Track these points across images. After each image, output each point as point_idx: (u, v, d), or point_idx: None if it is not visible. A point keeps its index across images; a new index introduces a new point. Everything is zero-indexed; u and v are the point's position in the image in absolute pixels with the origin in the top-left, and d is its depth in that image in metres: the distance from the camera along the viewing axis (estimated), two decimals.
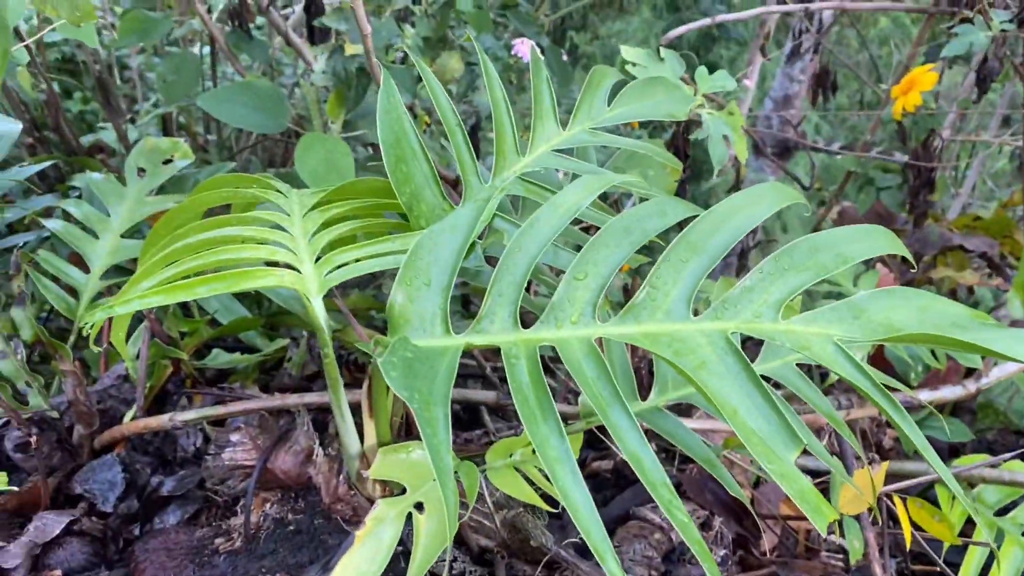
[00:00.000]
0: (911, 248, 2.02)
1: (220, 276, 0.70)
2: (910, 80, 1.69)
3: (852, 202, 2.29)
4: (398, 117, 0.83)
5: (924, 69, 1.68)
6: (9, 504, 1.00)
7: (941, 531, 1.01)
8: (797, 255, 0.66)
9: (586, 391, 0.63)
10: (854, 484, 0.92)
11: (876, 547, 1.00)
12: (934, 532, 1.01)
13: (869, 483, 0.98)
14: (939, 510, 1.03)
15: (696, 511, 1.11)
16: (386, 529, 0.77)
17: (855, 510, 0.99)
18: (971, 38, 1.51)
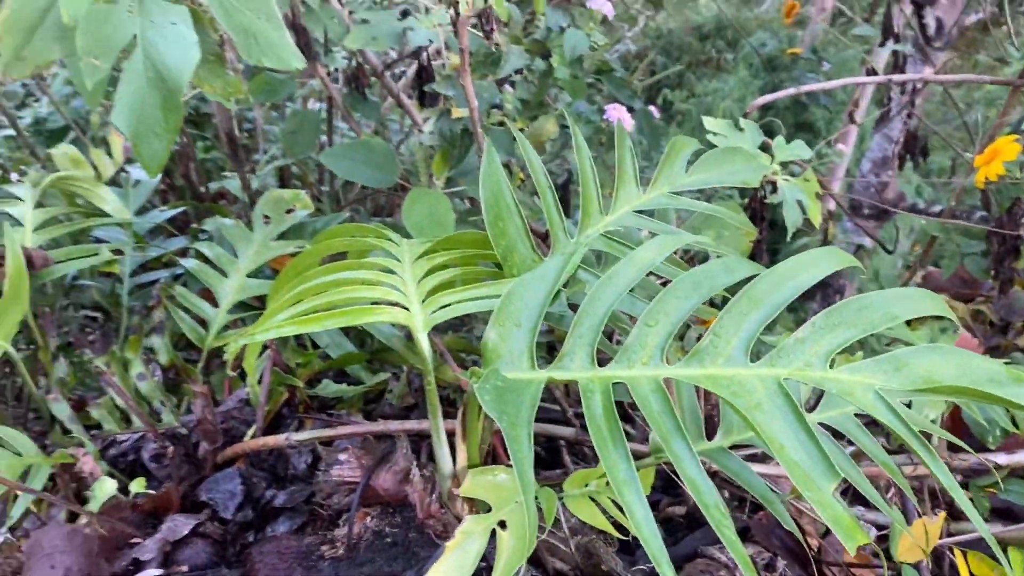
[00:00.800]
0: (997, 315, 2.02)
1: (344, 312, 0.83)
2: (993, 150, 1.73)
3: (938, 267, 2.30)
4: (497, 180, 0.95)
5: (1008, 140, 1.72)
6: (146, 506, 1.14)
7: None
8: (847, 312, 0.74)
9: (652, 424, 0.72)
10: (911, 532, 0.97)
11: None
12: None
13: (926, 534, 1.03)
14: (998, 564, 1.06)
15: (761, 553, 1.17)
16: (473, 542, 0.87)
17: (912, 558, 1.03)
18: None
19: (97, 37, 0.91)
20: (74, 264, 1.36)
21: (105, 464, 1.23)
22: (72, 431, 1.31)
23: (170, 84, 0.88)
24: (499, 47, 1.58)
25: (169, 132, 0.87)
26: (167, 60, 0.88)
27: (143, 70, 0.91)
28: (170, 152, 0.89)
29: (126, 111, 0.88)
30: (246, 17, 0.93)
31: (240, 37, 0.93)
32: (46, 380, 1.36)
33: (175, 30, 0.91)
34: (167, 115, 0.88)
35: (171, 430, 1.26)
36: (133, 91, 0.89)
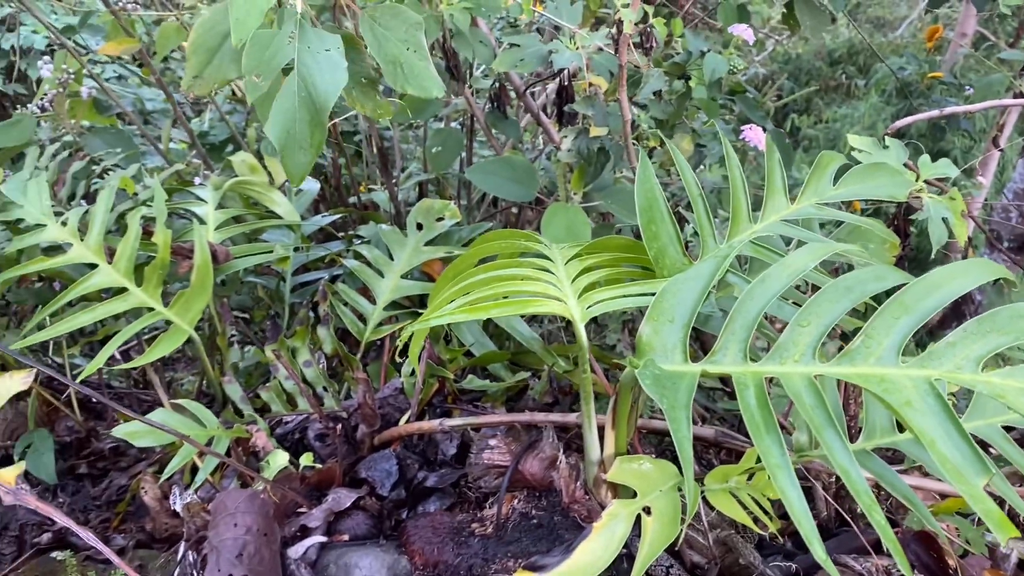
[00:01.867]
0: None
1: (509, 303, 0.91)
2: None
3: None
4: (651, 188, 1.02)
5: None
6: (312, 479, 1.25)
7: None
8: (999, 319, 0.77)
9: (805, 415, 0.77)
10: None
11: None
12: None
13: None
14: None
15: (895, 565, 1.18)
16: (619, 524, 0.93)
17: None
18: None
19: (260, 59, 1.03)
20: (251, 259, 1.51)
21: (274, 441, 1.35)
22: (243, 411, 1.44)
23: (319, 104, 0.99)
24: (639, 69, 1.65)
25: (314, 147, 0.98)
26: (318, 83, 1.00)
27: (296, 90, 1.03)
28: (313, 165, 1.00)
29: (278, 125, 0.99)
30: (396, 47, 1.04)
31: (388, 66, 1.04)
32: (223, 364, 1.50)
33: (328, 56, 1.02)
34: (313, 131, 0.99)
35: (333, 413, 1.37)
36: (286, 108, 1.01)
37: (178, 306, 1.40)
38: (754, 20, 3.80)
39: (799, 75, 8.35)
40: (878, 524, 0.69)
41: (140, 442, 1.20)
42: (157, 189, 1.46)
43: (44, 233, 1.47)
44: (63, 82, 2.10)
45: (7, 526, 1.48)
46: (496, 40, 2.02)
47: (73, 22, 2.48)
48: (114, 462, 1.59)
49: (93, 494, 1.53)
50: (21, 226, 1.54)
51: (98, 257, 1.43)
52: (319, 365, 1.46)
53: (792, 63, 8.43)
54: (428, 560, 1.11)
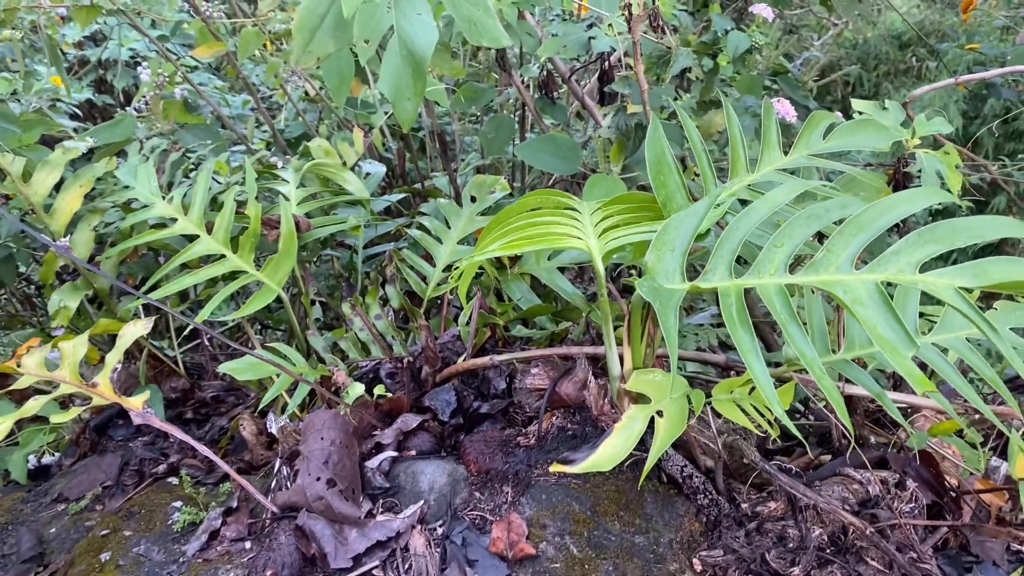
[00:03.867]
0: None
1: (538, 238, 1.11)
2: None
3: None
4: (660, 142, 1.20)
5: None
6: (384, 406, 1.47)
7: None
8: (938, 232, 0.93)
9: (776, 317, 0.94)
10: None
11: None
12: None
13: None
14: None
15: (893, 475, 1.34)
16: (635, 423, 1.12)
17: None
18: None
19: (366, 26, 1.25)
20: (328, 228, 1.74)
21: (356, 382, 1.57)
22: (326, 359, 1.67)
23: (418, 58, 1.20)
24: (670, 49, 1.82)
25: (417, 95, 1.19)
26: (415, 41, 1.20)
27: (399, 49, 1.24)
28: (417, 110, 1.21)
29: (387, 80, 1.20)
30: (468, 9, 1.24)
31: (464, 24, 1.24)
32: (306, 319, 1.74)
33: (420, 19, 1.23)
34: (416, 83, 1.20)
35: (401, 356, 1.59)
36: (392, 65, 1.22)
37: (268, 269, 1.64)
38: (812, 5, 3.93)
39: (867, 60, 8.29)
40: (827, 390, 0.87)
41: (242, 376, 1.44)
42: (249, 170, 1.70)
43: (153, 210, 1.72)
44: (159, 84, 2.38)
45: (128, 462, 1.73)
46: (547, 32, 2.20)
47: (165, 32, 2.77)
48: (215, 408, 1.84)
49: (198, 435, 1.79)
50: (132, 207, 1.81)
51: (200, 229, 1.68)
52: (388, 318, 1.68)
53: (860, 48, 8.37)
54: (481, 467, 1.32)
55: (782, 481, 1.17)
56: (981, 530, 1.29)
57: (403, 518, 1.26)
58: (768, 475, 1.19)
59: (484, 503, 1.28)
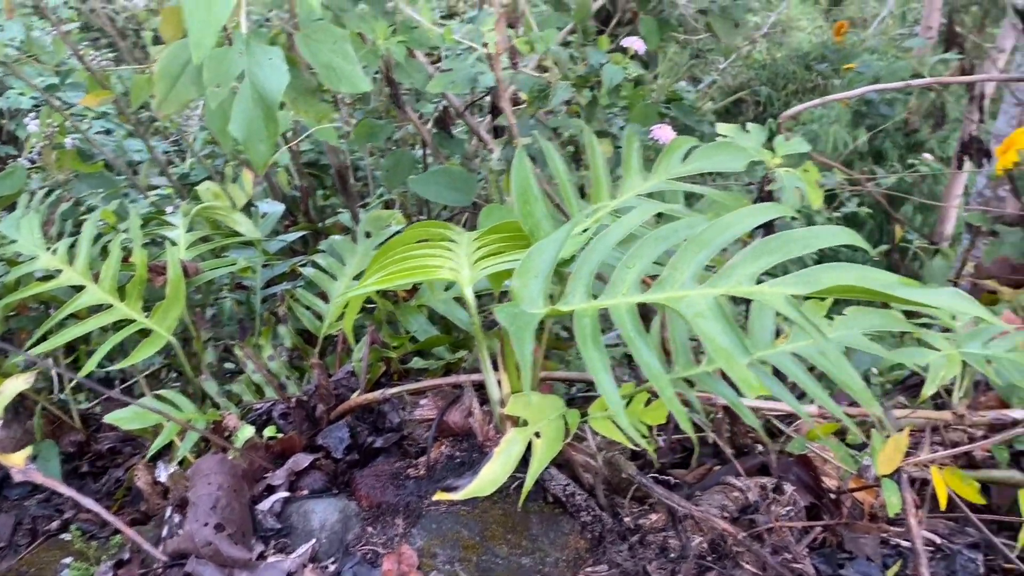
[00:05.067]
0: None
1: (412, 270, 1.14)
2: (1010, 141, 1.90)
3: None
4: (525, 172, 1.24)
5: (1022, 130, 1.88)
6: (276, 448, 1.47)
7: (968, 492, 1.23)
8: (773, 244, 0.99)
9: (625, 336, 0.99)
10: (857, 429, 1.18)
11: (913, 505, 1.24)
12: (963, 493, 1.23)
13: (901, 449, 1.23)
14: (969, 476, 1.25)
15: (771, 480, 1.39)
16: (514, 446, 1.15)
17: (888, 470, 1.23)
18: None
19: (217, 71, 1.27)
20: (218, 271, 1.74)
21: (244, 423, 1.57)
22: (219, 404, 1.66)
23: (268, 102, 1.22)
24: (550, 84, 1.89)
25: (271, 138, 1.21)
26: (266, 85, 1.23)
27: (250, 93, 1.26)
28: (272, 153, 1.23)
29: (239, 123, 1.23)
30: (326, 56, 1.27)
31: (323, 70, 1.27)
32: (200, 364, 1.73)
33: (271, 63, 1.26)
34: (268, 125, 1.22)
35: (295, 396, 1.59)
36: (243, 108, 1.24)
37: (156, 316, 1.63)
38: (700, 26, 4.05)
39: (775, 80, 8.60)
40: (669, 402, 0.91)
41: (128, 425, 1.42)
42: (133, 217, 1.69)
43: (37, 262, 1.70)
44: (49, 135, 2.35)
45: (21, 521, 1.69)
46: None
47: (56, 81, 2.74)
48: (112, 459, 1.81)
49: (94, 488, 1.75)
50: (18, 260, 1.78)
51: (85, 279, 1.66)
52: (281, 358, 1.68)
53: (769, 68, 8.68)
54: (372, 501, 1.33)
55: (659, 493, 1.21)
56: (854, 527, 1.35)
57: (294, 558, 1.25)
58: (646, 488, 1.22)
59: (376, 537, 1.29)
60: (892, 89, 2.12)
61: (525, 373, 0.93)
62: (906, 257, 3.28)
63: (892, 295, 0.91)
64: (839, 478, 1.52)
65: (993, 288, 2.18)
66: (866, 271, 0.95)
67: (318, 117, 1.42)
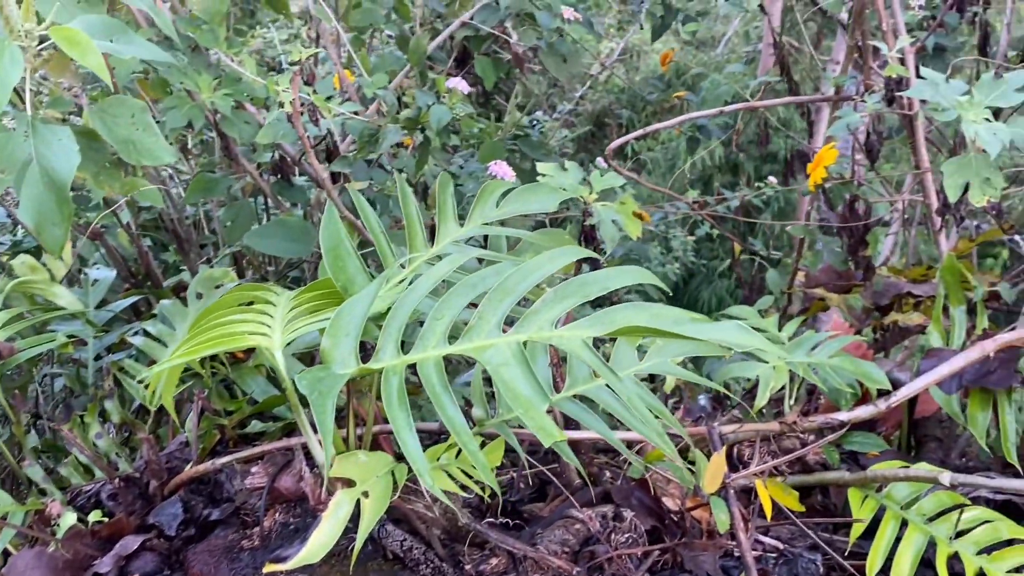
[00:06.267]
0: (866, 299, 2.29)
1: (219, 340, 1.10)
2: (818, 159, 2.02)
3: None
4: (336, 229, 1.23)
5: (828, 148, 2.01)
6: (103, 532, 1.39)
7: (788, 501, 1.29)
8: (571, 287, 1.01)
9: (429, 391, 0.99)
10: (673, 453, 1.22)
11: (741, 519, 1.28)
12: (783, 502, 1.29)
13: (722, 466, 1.27)
14: (788, 487, 1.31)
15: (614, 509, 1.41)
16: (342, 508, 1.13)
17: (713, 487, 1.28)
18: (848, 119, 1.84)
19: (2, 155, 1.20)
20: (35, 349, 1.64)
21: (72, 510, 1.48)
22: (46, 489, 1.56)
23: (59, 184, 1.17)
24: (380, 127, 1.89)
25: (64, 221, 1.16)
26: (55, 167, 1.17)
27: (39, 177, 1.20)
28: (67, 237, 1.18)
29: (28, 209, 1.17)
30: (125, 130, 1.23)
31: (121, 146, 1.22)
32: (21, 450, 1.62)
33: (61, 144, 1.20)
34: (61, 208, 1.16)
35: (126, 474, 1.52)
36: (33, 193, 1.18)
37: None
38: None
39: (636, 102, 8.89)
40: (472, 454, 0.91)
41: None
42: None
43: None
44: None
45: None
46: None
47: None
48: None
49: None
50: None
51: None
52: (109, 435, 1.60)
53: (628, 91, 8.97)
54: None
55: (494, 538, 1.21)
56: (693, 546, 1.39)
57: None
58: (482, 535, 1.22)
59: None
60: (709, 116, 2.23)
61: (327, 443, 0.91)
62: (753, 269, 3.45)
63: (679, 333, 0.94)
64: (682, 497, 1.57)
65: (822, 295, 2.31)
66: (659, 310, 0.98)
67: (124, 190, 1.37)
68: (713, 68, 8.33)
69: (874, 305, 2.29)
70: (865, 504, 1.49)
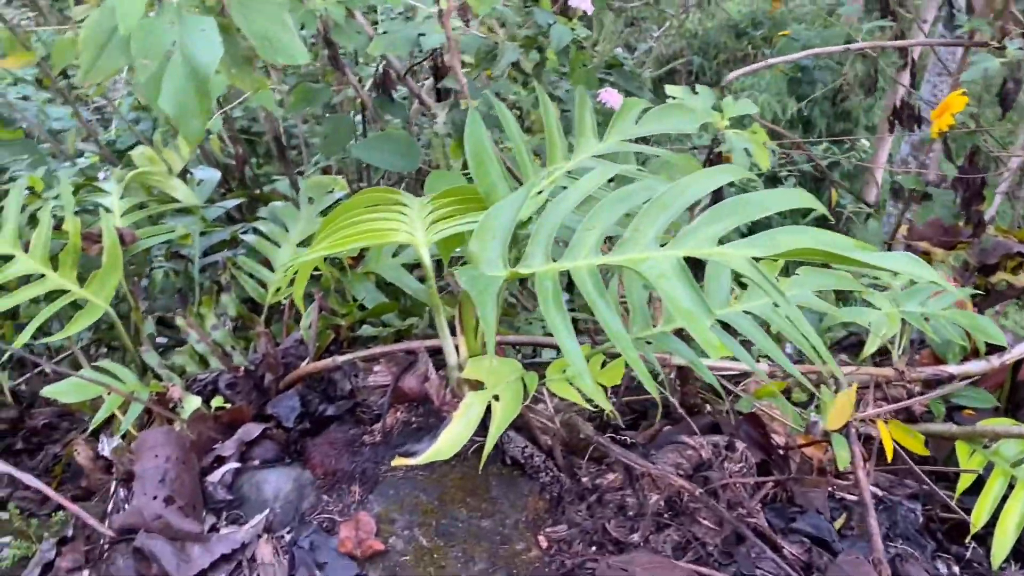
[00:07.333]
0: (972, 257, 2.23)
1: (365, 234, 1.11)
2: (944, 105, 1.95)
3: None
4: (479, 133, 1.23)
5: (957, 94, 1.94)
6: (224, 418, 1.43)
7: (913, 444, 1.27)
8: (730, 207, 0.99)
9: (587, 298, 0.98)
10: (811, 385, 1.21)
11: (861, 458, 1.28)
12: (908, 445, 1.28)
13: (850, 405, 1.26)
14: (912, 429, 1.30)
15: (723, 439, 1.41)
16: (473, 410, 1.14)
17: (837, 425, 1.27)
18: (985, 64, 1.77)
19: (146, 44, 1.20)
20: (155, 239, 1.68)
21: (189, 393, 1.52)
22: (162, 375, 1.61)
23: (201, 75, 1.17)
24: (497, 44, 1.86)
25: (203, 113, 1.17)
26: (198, 57, 1.18)
27: (182, 67, 1.20)
28: (204, 129, 1.18)
29: (170, 98, 1.17)
30: (261, 25, 1.23)
31: (258, 40, 1.22)
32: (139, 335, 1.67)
33: (204, 35, 1.20)
34: (201, 100, 1.17)
35: (242, 367, 1.55)
36: (175, 84, 1.19)
37: (93, 285, 1.56)
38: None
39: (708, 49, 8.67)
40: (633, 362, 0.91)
41: (67, 398, 1.37)
42: (64, 183, 1.62)
43: None
44: None
45: None
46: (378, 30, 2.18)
47: None
48: (47, 435, 1.75)
49: (31, 465, 1.69)
50: None
51: (14, 248, 1.58)
52: (225, 328, 1.63)
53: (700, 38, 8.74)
54: (327, 469, 1.31)
55: (616, 452, 1.22)
56: (804, 482, 1.39)
57: (248, 529, 1.23)
58: (604, 448, 1.23)
59: (332, 505, 1.27)
60: (830, 53, 2.15)
61: (490, 337, 0.92)
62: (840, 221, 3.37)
63: (850, 257, 0.92)
64: (786, 434, 1.56)
65: (926, 250, 2.25)
66: (822, 234, 0.96)
67: (254, 87, 1.37)
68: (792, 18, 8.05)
69: (979, 263, 2.22)
70: (973, 458, 1.47)
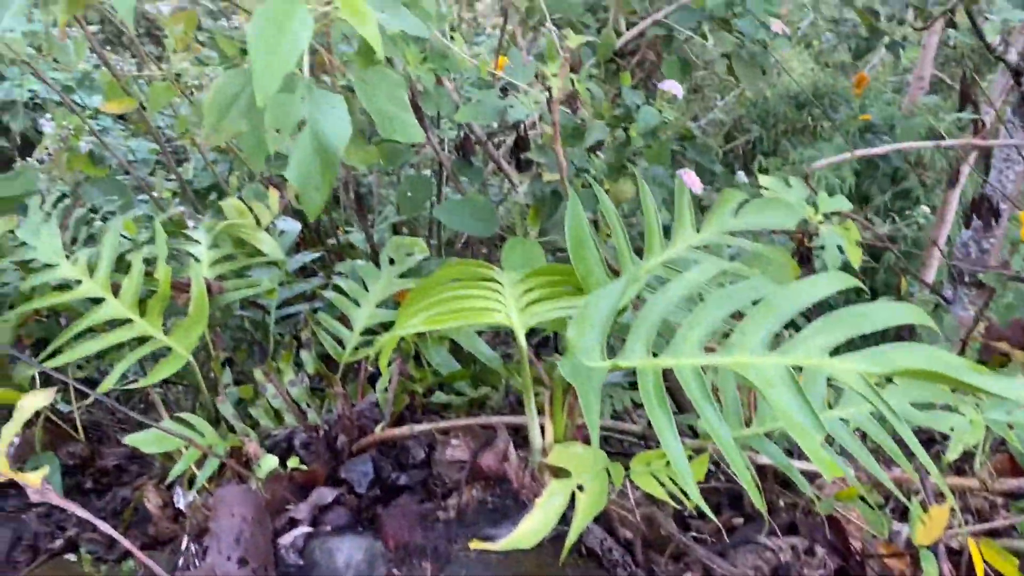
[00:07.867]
0: None
1: (461, 313, 1.11)
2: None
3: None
4: (580, 218, 1.23)
5: None
6: (298, 479, 1.43)
7: (1006, 568, 1.22)
8: (841, 316, 0.98)
9: (691, 397, 0.97)
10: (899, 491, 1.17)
11: None
12: (1000, 568, 1.23)
13: (943, 520, 1.22)
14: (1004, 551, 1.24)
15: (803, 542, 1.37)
16: (556, 498, 1.13)
17: (928, 541, 1.22)
18: None
19: (279, 116, 1.24)
20: (242, 292, 1.70)
21: (264, 450, 1.53)
22: (236, 427, 1.62)
23: (329, 152, 1.20)
24: (584, 122, 1.88)
25: (326, 188, 1.19)
26: (328, 134, 1.21)
27: (310, 141, 1.24)
28: (324, 202, 1.21)
29: (296, 171, 1.20)
30: (383, 102, 1.25)
31: (379, 118, 1.25)
32: (216, 385, 1.69)
33: (334, 112, 1.24)
34: (325, 175, 1.20)
35: (316, 425, 1.56)
36: (302, 157, 1.22)
37: (177, 334, 1.59)
38: (717, 68, 4.07)
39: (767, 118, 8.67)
40: (739, 469, 0.89)
41: (149, 448, 1.38)
42: (158, 231, 1.66)
43: (56, 271, 1.65)
44: (63, 137, 2.30)
45: (20, 537, 1.63)
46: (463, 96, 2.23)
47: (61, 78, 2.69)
48: (117, 478, 1.76)
49: (99, 507, 1.70)
50: (32, 266, 1.73)
51: (106, 292, 1.62)
52: (303, 384, 1.64)
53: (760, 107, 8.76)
54: (400, 542, 1.29)
55: (699, 553, 1.19)
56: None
57: None
58: (685, 547, 1.20)
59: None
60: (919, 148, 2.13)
61: (593, 430, 0.91)
62: None
63: (963, 381, 0.90)
64: (862, 539, 1.51)
65: (1006, 351, 2.19)
66: (936, 354, 0.94)
67: (367, 162, 1.40)
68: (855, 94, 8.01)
69: None
70: None
